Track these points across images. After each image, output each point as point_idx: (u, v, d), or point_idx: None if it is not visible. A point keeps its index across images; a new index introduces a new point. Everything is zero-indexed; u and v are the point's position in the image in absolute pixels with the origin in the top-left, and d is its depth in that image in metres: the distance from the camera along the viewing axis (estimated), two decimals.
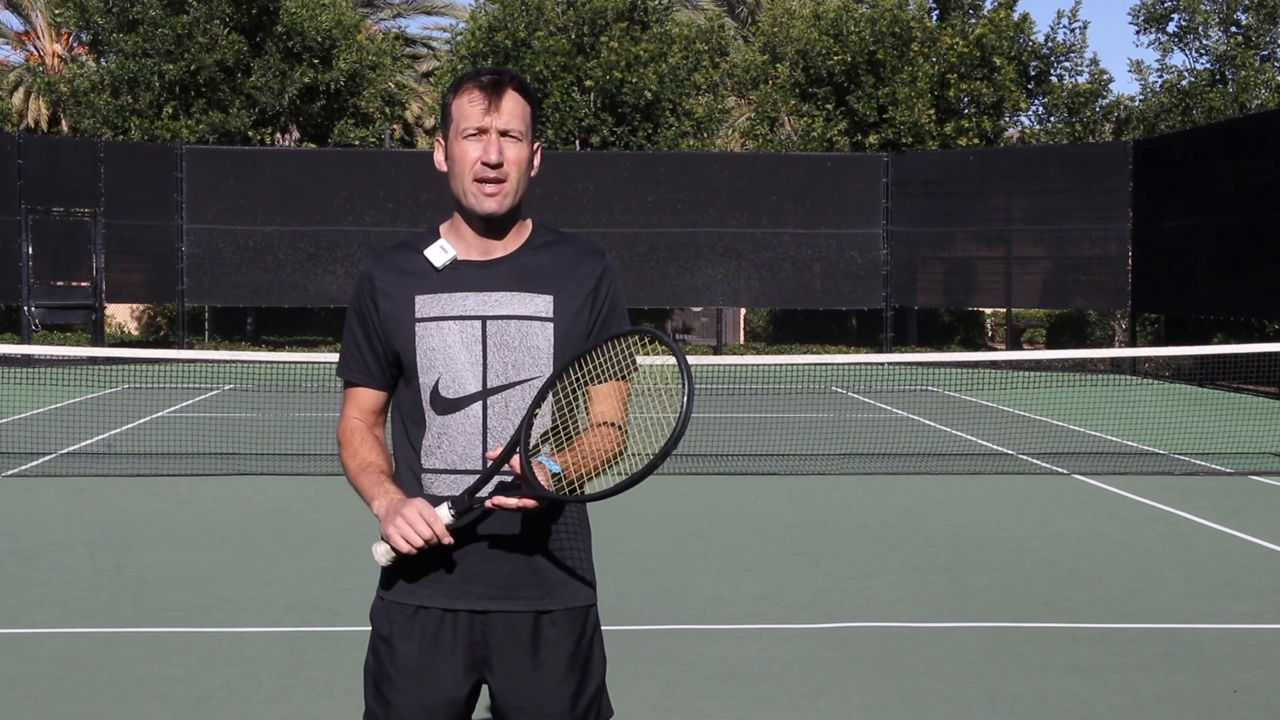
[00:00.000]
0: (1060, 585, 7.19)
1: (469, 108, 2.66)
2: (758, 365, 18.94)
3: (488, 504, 2.54)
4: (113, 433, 13.52)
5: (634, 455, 2.63)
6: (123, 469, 11.08)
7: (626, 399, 2.76)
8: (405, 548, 2.53)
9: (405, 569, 2.68)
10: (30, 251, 22.65)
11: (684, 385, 2.46)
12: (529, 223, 2.78)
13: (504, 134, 2.66)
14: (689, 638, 6.12)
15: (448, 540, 2.55)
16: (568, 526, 2.74)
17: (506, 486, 2.55)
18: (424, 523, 2.52)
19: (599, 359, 2.63)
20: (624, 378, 2.70)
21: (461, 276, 2.71)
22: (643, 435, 2.64)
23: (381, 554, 2.61)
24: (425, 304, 2.69)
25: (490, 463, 2.56)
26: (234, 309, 27.28)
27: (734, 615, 6.54)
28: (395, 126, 33.82)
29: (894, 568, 7.60)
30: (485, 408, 2.67)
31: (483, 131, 2.65)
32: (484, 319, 2.68)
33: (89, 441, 12.71)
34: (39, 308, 23.03)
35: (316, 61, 28.64)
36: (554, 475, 2.54)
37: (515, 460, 2.51)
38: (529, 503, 2.51)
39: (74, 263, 23.78)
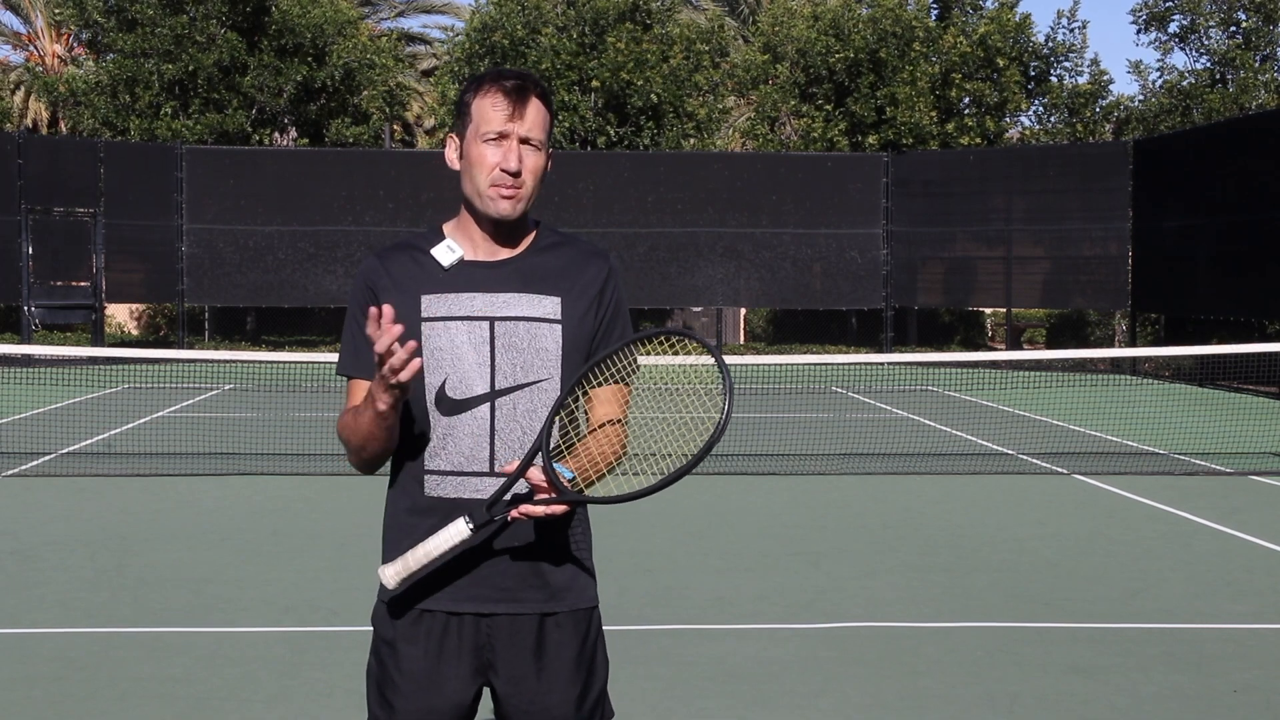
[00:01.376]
0: (1060, 585, 7.19)
1: (492, 111, 2.63)
2: (758, 365, 18.93)
3: (513, 515, 2.50)
4: (113, 433, 13.52)
5: (666, 456, 2.59)
6: (123, 469, 11.08)
7: (626, 403, 2.75)
8: (402, 373, 2.41)
9: (411, 589, 2.66)
10: (30, 251, 22.66)
11: (724, 385, 2.42)
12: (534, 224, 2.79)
13: (525, 141, 2.64)
14: (689, 638, 6.12)
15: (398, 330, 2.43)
16: (571, 528, 2.73)
17: (520, 497, 2.53)
18: (385, 336, 2.41)
19: (609, 363, 2.62)
20: (625, 381, 2.69)
21: (468, 277, 2.69)
22: (680, 434, 2.60)
23: (391, 575, 2.57)
24: (432, 303, 2.67)
25: (507, 477, 2.53)
26: (234, 309, 27.28)
27: (734, 615, 6.54)
28: (395, 127, 33.81)
29: (894, 568, 7.60)
30: (493, 409, 2.65)
31: (504, 137, 2.63)
32: (492, 320, 2.66)
33: (89, 441, 12.71)
34: (39, 308, 23.04)
35: (310, 59, 28.61)
36: (568, 481, 2.52)
37: (532, 472, 2.48)
38: (558, 509, 2.49)
39: (74, 263, 23.78)
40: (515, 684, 2.68)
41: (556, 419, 2.62)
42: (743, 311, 32.75)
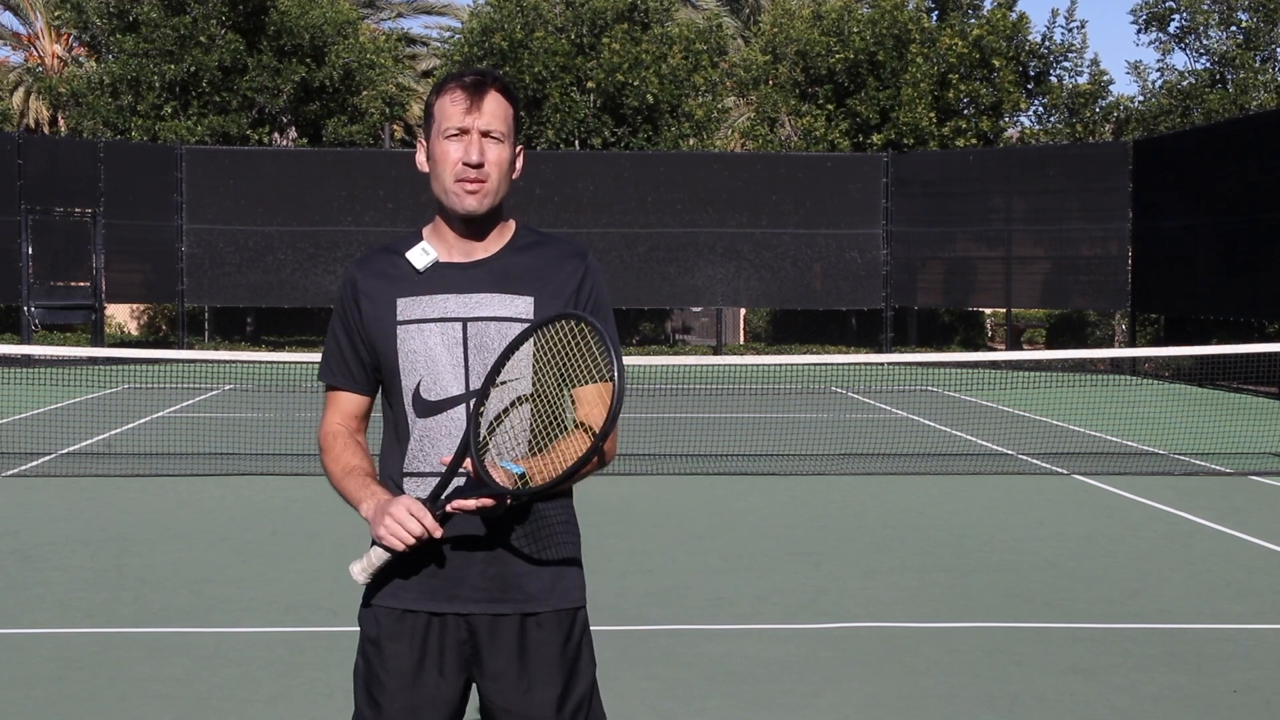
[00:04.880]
0: (1060, 585, 7.19)
1: (450, 108, 2.66)
2: (758, 365, 18.93)
3: (448, 508, 2.53)
4: (113, 433, 13.52)
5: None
6: (123, 469, 11.08)
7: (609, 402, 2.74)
8: (399, 546, 2.52)
9: (386, 577, 2.68)
10: (30, 251, 22.65)
11: (613, 364, 2.48)
12: (512, 223, 2.77)
13: (485, 134, 2.65)
14: (689, 638, 6.12)
15: (438, 533, 2.53)
16: (555, 528, 2.73)
17: (463, 489, 2.54)
18: (413, 519, 2.50)
19: (574, 360, 2.60)
20: (608, 379, 2.67)
21: (443, 278, 2.70)
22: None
23: (358, 571, 2.61)
24: (406, 306, 2.68)
25: (445, 467, 2.56)
26: (234, 309, 27.29)
27: (734, 615, 6.54)
28: (395, 127, 33.80)
29: (894, 568, 7.60)
30: (468, 410, 2.65)
31: (464, 132, 2.65)
32: (465, 321, 2.66)
33: (89, 441, 12.71)
34: (39, 308, 23.03)
35: (309, 60, 28.59)
36: (518, 476, 2.52)
37: (469, 463, 2.51)
38: (486, 502, 2.51)
39: (74, 263, 23.78)
40: (496, 682, 2.69)
41: (532, 417, 2.63)
42: (743, 311, 32.75)
